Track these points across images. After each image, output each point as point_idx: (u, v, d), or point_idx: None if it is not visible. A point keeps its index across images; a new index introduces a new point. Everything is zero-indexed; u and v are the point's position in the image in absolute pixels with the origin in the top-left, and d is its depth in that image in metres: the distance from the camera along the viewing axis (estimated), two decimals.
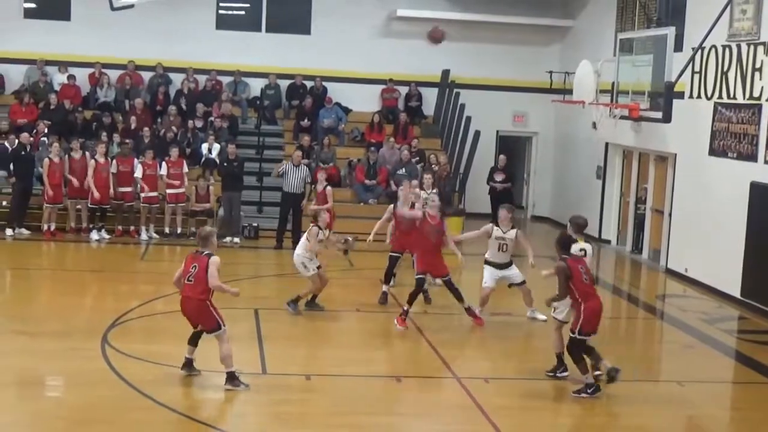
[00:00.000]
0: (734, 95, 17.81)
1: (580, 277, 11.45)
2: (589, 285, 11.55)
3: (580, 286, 11.47)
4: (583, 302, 11.45)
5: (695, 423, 11.56)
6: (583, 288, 11.48)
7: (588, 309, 11.45)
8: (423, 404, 11.46)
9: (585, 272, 11.56)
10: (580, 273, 11.47)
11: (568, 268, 11.43)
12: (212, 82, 25.29)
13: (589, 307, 11.46)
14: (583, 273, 11.49)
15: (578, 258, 11.81)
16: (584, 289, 11.48)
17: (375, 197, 23.24)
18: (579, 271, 11.46)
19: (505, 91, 26.46)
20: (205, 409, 10.76)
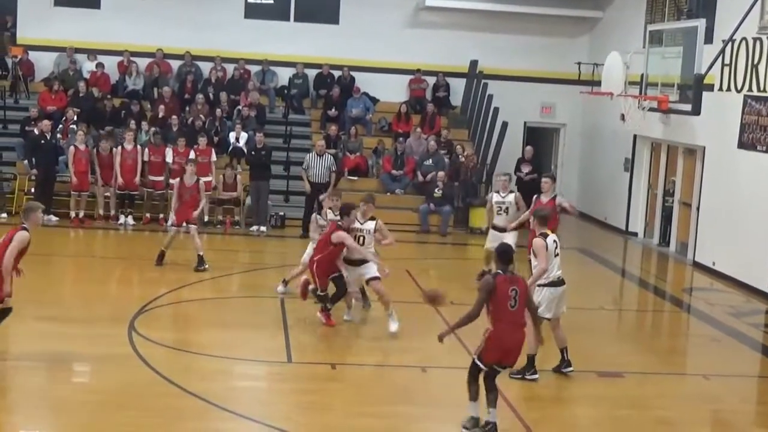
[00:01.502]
0: (764, 88, 17.68)
1: (505, 300, 9.75)
2: (514, 313, 9.79)
3: (499, 308, 9.77)
4: (492, 326, 9.82)
5: (720, 417, 11.52)
6: (501, 313, 9.76)
7: (493, 336, 9.81)
8: (447, 395, 11.45)
9: (515, 297, 9.78)
10: (507, 296, 9.75)
11: (494, 286, 9.78)
12: (240, 71, 25.37)
13: (496, 334, 9.79)
14: (511, 297, 9.76)
15: (515, 278, 9.92)
16: (501, 315, 9.76)
17: (402, 187, 23.26)
18: (506, 294, 9.76)
19: (533, 82, 26.37)
20: (230, 397, 10.81)
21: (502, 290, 9.76)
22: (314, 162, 20.98)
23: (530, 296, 10.21)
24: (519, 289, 9.84)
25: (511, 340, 9.82)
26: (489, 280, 9.87)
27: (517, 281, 9.92)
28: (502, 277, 9.85)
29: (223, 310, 14.75)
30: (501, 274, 9.90)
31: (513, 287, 9.80)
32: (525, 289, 9.96)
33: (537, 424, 10.42)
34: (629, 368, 12.55)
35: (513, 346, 9.88)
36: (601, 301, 16.54)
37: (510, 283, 9.82)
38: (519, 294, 9.82)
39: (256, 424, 10.11)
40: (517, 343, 9.92)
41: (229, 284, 16.72)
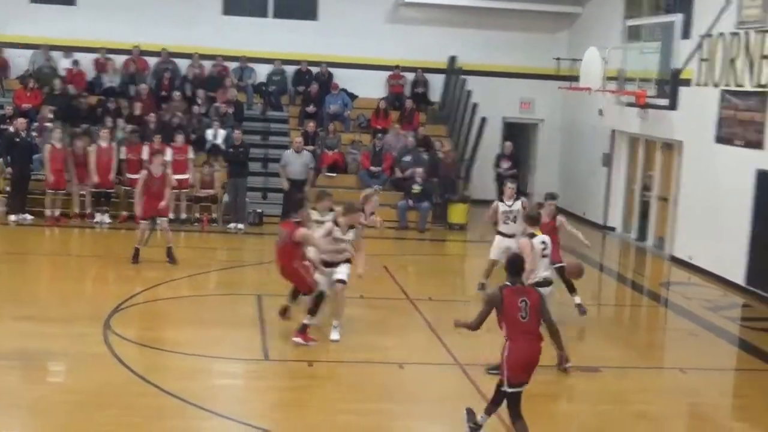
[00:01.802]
0: (741, 83, 17.78)
1: (515, 312, 9.32)
2: (527, 324, 9.35)
3: (510, 321, 9.36)
4: (508, 341, 9.38)
5: (698, 411, 11.59)
6: (514, 326, 9.36)
7: (512, 354, 9.34)
8: (425, 391, 11.50)
9: (525, 309, 9.35)
10: (517, 308, 9.32)
11: (500, 299, 9.36)
12: (218, 68, 25.31)
13: (513, 350, 9.35)
14: (522, 309, 9.32)
15: (525, 289, 9.58)
16: (514, 328, 9.36)
17: (380, 184, 23.26)
18: (515, 306, 9.32)
19: (511, 78, 26.43)
20: (208, 396, 10.79)
21: (511, 302, 9.31)
22: (292, 159, 20.96)
23: (545, 307, 9.58)
24: (530, 300, 9.37)
25: (530, 353, 9.34)
26: (495, 293, 9.47)
27: (528, 292, 9.51)
28: (509, 289, 9.41)
29: (200, 308, 14.72)
30: (509, 286, 9.45)
31: (522, 298, 9.35)
32: (537, 300, 9.42)
33: None
34: (608, 363, 12.61)
35: (534, 359, 9.39)
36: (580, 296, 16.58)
37: (519, 295, 9.37)
38: (530, 305, 9.33)
39: (235, 423, 10.09)
40: (537, 356, 9.41)
41: (207, 282, 16.69)
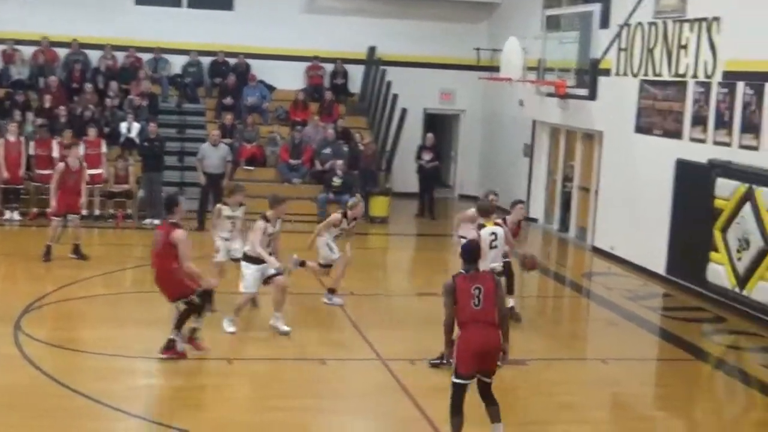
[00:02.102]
0: (660, 72, 18.07)
1: (467, 299, 9.13)
2: (479, 312, 9.11)
3: (462, 309, 9.15)
4: (461, 331, 9.19)
5: (620, 400, 11.76)
6: (465, 314, 9.13)
7: (461, 342, 9.16)
8: (347, 387, 11.51)
9: (479, 296, 9.13)
10: (470, 295, 9.13)
11: (453, 287, 9.21)
12: (131, 59, 24.98)
13: (462, 339, 9.16)
14: (474, 296, 9.12)
15: (479, 276, 9.32)
16: (465, 315, 9.12)
17: (299, 177, 23.20)
18: (468, 293, 9.14)
19: (432, 68, 26.52)
20: (124, 397, 10.66)
21: (463, 289, 9.13)
22: (209, 152, 20.78)
23: (501, 296, 9.36)
24: (484, 287, 9.15)
25: (481, 341, 9.07)
26: (448, 282, 9.27)
27: (482, 278, 9.27)
28: (462, 277, 9.24)
29: (115, 307, 14.53)
30: (462, 273, 9.29)
31: (476, 285, 9.15)
32: (493, 287, 9.20)
33: (440, 414, 10.46)
34: (532, 355, 12.72)
35: (486, 347, 9.10)
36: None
37: (472, 281, 9.18)
38: (484, 292, 9.12)
39: (152, 424, 10.00)
40: (491, 344, 9.14)
41: (122, 280, 16.48)
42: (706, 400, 12.12)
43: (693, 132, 16.98)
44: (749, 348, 14.19)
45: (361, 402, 11.02)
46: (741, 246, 15.22)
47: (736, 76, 15.89)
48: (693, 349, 13.71)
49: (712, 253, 15.95)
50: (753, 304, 14.97)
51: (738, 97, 15.76)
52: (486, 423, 9.40)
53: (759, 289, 14.78)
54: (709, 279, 16.08)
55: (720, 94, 16.25)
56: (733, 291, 15.43)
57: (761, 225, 14.74)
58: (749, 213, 15.04)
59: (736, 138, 15.80)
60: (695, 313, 15.82)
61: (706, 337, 14.56)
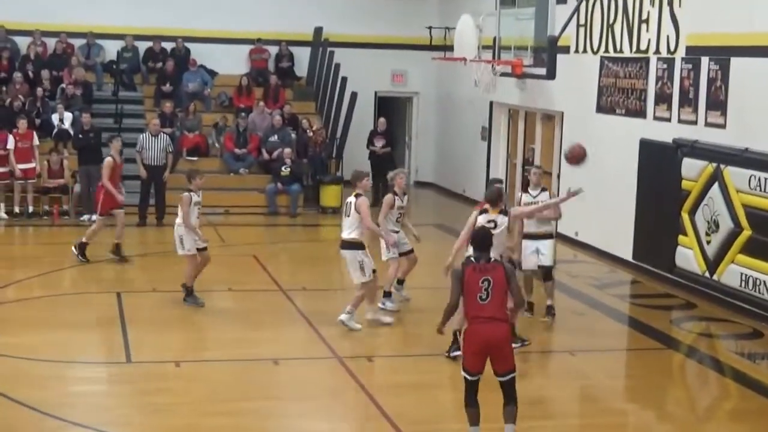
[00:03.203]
0: (621, 49, 18.19)
1: (474, 293, 9.15)
2: (483, 307, 9.12)
3: (468, 302, 9.22)
4: (467, 325, 9.37)
5: (588, 393, 11.86)
6: (471, 308, 9.21)
7: (466, 338, 9.38)
8: (303, 387, 11.49)
9: (487, 289, 9.13)
10: (477, 288, 9.13)
11: (461, 274, 9.27)
12: (62, 46, 24.72)
13: (467, 334, 9.36)
14: (482, 289, 9.12)
15: (489, 266, 9.26)
16: (470, 310, 9.21)
17: (246, 167, 23.11)
18: (476, 285, 9.15)
19: (382, 49, 26.49)
20: (66, 404, 10.58)
21: (471, 281, 9.14)
22: (149, 143, 20.63)
23: (514, 283, 9.39)
24: (493, 278, 9.13)
25: (484, 337, 9.10)
26: (458, 268, 9.36)
27: (492, 269, 9.21)
28: (471, 267, 9.24)
29: (53, 310, 14.39)
30: (472, 262, 9.30)
31: (485, 277, 9.13)
32: (502, 279, 9.18)
33: (399, 411, 10.51)
34: None
35: (489, 343, 9.10)
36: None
37: (481, 273, 9.16)
38: (493, 285, 9.11)
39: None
40: (495, 339, 9.12)
41: (60, 280, 16.32)
42: (678, 390, 12.26)
43: (657, 110, 17.12)
44: (721, 335, 14.36)
45: (317, 403, 11.01)
46: (710, 229, 15.38)
47: (700, 51, 16.03)
48: (663, 337, 13.84)
49: (681, 237, 16.11)
50: (724, 289, 15.14)
51: (703, 73, 15.90)
52: None
53: (729, 273, 14.95)
54: (677, 264, 16.24)
55: (684, 70, 16.39)
56: (703, 276, 15.59)
57: (730, 206, 14.90)
58: (717, 194, 15.20)
59: (701, 116, 15.94)
60: (664, 300, 15.97)
61: (677, 325, 14.70)
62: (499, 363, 9.24)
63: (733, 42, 15.32)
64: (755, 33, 14.88)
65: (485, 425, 9.48)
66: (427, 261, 15.29)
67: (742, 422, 10.80)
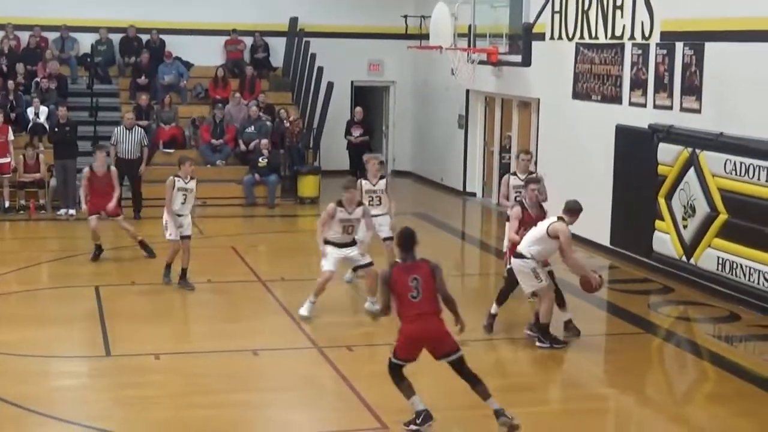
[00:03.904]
0: (596, 35, 18.24)
1: (405, 292, 9.45)
2: (417, 304, 9.46)
3: (400, 302, 9.53)
4: (401, 323, 9.64)
5: (569, 379, 11.93)
6: (404, 308, 9.51)
7: (401, 333, 9.67)
8: (283, 377, 11.51)
9: (417, 287, 9.46)
10: (407, 288, 9.44)
11: (389, 277, 9.58)
12: (36, 39, 24.59)
13: (402, 331, 9.65)
14: (412, 288, 9.44)
15: (416, 265, 9.60)
16: (403, 309, 9.52)
17: (223, 158, 23.07)
18: (405, 285, 9.45)
19: (358, 39, 26.47)
20: (45, 399, 10.56)
21: (401, 282, 9.45)
22: (123, 136, 20.54)
23: (440, 280, 9.63)
24: (421, 276, 9.46)
25: (419, 332, 9.50)
26: (384, 272, 9.70)
27: (418, 268, 9.53)
28: (399, 267, 9.58)
29: (32, 305, 14.37)
30: (398, 263, 9.62)
31: (414, 276, 9.45)
32: (428, 275, 9.51)
33: (380, 400, 10.53)
34: (473, 336, 12.77)
35: (425, 336, 9.52)
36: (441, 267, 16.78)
37: (409, 272, 9.48)
38: (421, 282, 9.44)
39: (76, 426, 9.92)
40: (434, 333, 9.51)
41: (38, 275, 16.27)
42: (657, 374, 12.34)
43: (632, 96, 17.18)
44: (698, 318, 14.44)
45: (297, 393, 11.03)
46: (686, 213, 15.46)
47: (675, 37, 16.10)
48: (641, 322, 13.92)
49: (657, 222, 16.19)
50: (701, 273, 15.23)
51: (677, 58, 15.97)
52: None
53: (706, 257, 15.04)
54: (655, 249, 16.32)
55: (659, 55, 16.46)
56: (680, 260, 15.68)
57: (706, 190, 14.99)
58: (693, 178, 15.28)
59: (677, 101, 16.01)
60: (642, 284, 16.06)
61: (654, 310, 14.78)
62: (437, 350, 9.63)
63: (707, 27, 15.40)
64: (729, 18, 14.96)
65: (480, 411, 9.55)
66: None
67: (720, 405, 10.89)
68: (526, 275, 12.38)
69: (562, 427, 10.25)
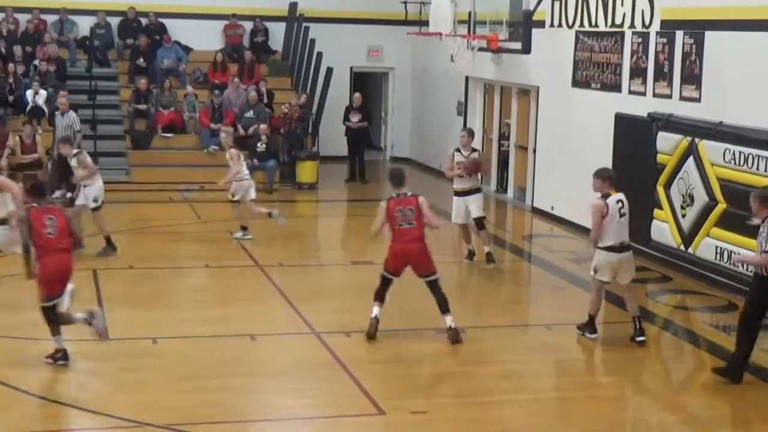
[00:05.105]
0: (596, 23, 18.20)
1: (394, 220, 11.91)
2: (404, 231, 11.87)
3: (392, 228, 12.00)
4: (392, 244, 12.05)
5: (565, 367, 11.90)
6: (394, 231, 12.00)
7: (391, 251, 12.12)
8: (280, 363, 11.50)
9: (405, 218, 11.87)
10: (394, 218, 11.88)
11: (386, 207, 12.01)
12: (35, 22, 24.53)
13: (389, 251, 12.13)
14: (398, 219, 11.86)
15: (407, 199, 12.00)
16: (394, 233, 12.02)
17: (217, 144, 23.00)
18: (393, 215, 11.90)
19: (357, 24, 26.42)
20: (39, 382, 10.55)
21: (392, 210, 11.89)
22: (57, 122, 20.32)
23: (426, 212, 11.99)
24: (410, 207, 11.88)
25: (403, 251, 11.94)
26: (382, 204, 12.04)
27: (410, 201, 11.94)
28: (393, 201, 11.95)
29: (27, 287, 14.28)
30: (393, 197, 12.00)
31: (409, 207, 11.89)
32: (415, 205, 11.93)
33: (377, 386, 10.54)
34: (470, 322, 12.80)
35: (407, 254, 11.93)
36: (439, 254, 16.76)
37: (402, 204, 11.92)
38: (415, 213, 11.88)
39: (73, 410, 9.93)
40: (412, 252, 11.93)
41: None
42: (654, 363, 12.33)
43: (632, 85, 17.16)
44: (696, 307, 14.44)
45: (295, 379, 11.02)
46: (685, 202, 15.45)
47: (675, 25, 16.07)
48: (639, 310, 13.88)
49: (656, 211, 16.18)
50: (699, 262, 15.23)
51: (677, 47, 15.94)
52: None
53: (704, 247, 15.03)
54: (653, 238, 16.31)
55: (659, 44, 16.43)
56: (678, 249, 15.68)
57: (705, 180, 14.98)
58: (692, 167, 15.27)
59: (676, 90, 15.99)
60: (640, 273, 15.85)
61: (652, 298, 14.78)
62: (419, 270, 12.07)
63: (707, 16, 15.37)
64: (729, 7, 14.93)
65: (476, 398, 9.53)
66: None
67: (717, 394, 10.88)
68: None
69: (557, 415, 10.26)
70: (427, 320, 12.46)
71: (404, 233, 11.86)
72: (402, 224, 11.85)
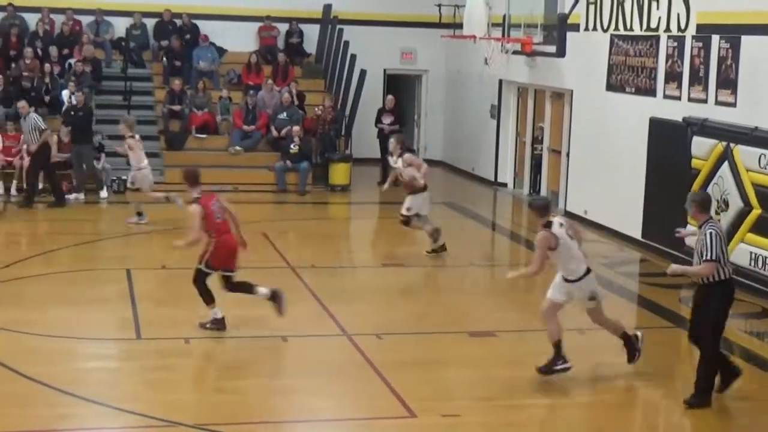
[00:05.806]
0: (631, 27, 18.12)
1: (213, 214, 12.30)
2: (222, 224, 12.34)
3: (210, 224, 12.35)
4: None
5: (598, 372, 11.84)
6: (215, 227, 12.36)
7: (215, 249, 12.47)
8: (311, 364, 11.51)
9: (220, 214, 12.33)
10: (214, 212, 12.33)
11: None
12: (70, 23, 24.68)
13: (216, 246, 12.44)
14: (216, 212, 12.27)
15: None
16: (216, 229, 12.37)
17: (254, 144, 23.10)
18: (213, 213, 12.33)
19: (391, 27, 26.42)
20: (75, 380, 10.61)
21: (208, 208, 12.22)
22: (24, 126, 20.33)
23: None
24: None
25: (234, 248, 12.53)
26: None
27: None
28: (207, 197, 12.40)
29: (64, 286, 14.44)
30: None
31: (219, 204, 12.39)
32: None
33: (408, 388, 10.54)
34: (503, 326, 12.78)
35: None
36: (471, 256, 16.77)
37: None
38: None
39: (104, 408, 9.97)
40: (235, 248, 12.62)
41: (69, 257, 16.30)
42: (686, 368, 12.21)
43: (667, 89, 17.06)
44: (729, 314, 14.29)
45: (326, 380, 11.03)
46: (719, 208, 15.33)
47: (711, 29, 15.96)
48: (672, 316, 13.84)
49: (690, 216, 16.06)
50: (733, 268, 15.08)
51: (713, 51, 15.84)
52: None
53: (739, 252, 14.91)
54: (687, 243, 16.18)
55: (694, 48, 16.32)
56: None
57: (740, 185, 14.87)
58: (727, 173, 15.16)
59: (711, 94, 15.88)
60: (673, 278, 15.89)
61: (685, 304, 14.63)
62: None
63: (743, 20, 15.26)
64: (766, 11, 14.82)
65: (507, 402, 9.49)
66: None
67: (750, 401, 10.81)
68: None
69: (589, 420, 10.22)
70: (460, 322, 12.44)
71: None
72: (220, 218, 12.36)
